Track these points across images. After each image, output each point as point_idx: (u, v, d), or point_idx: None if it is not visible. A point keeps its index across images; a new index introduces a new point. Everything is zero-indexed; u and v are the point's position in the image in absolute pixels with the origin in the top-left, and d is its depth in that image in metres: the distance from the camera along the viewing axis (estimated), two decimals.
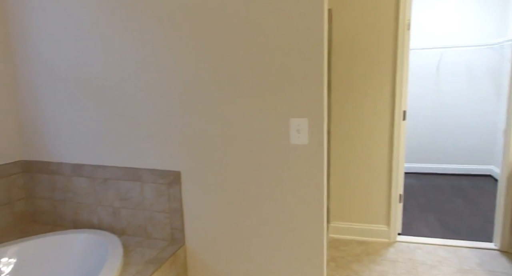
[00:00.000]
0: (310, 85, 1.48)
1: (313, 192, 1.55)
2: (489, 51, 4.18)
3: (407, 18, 2.53)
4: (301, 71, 1.47)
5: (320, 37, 1.43)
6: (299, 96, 1.50)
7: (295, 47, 1.46)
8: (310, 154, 1.53)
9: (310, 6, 1.41)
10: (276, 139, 1.55)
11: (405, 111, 2.68)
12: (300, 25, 1.43)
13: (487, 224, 3.06)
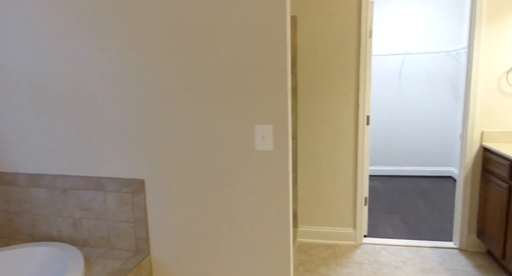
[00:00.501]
0: (274, 92, 1.49)
1: (279, 198, 1.56)
2: (447, 58, 4.41)
3: (369, 26, 2.62)
4: (266, 78, 1.49)
5: (283, 45, 1.45)
6: (264, 103, 1.51)
7: (259, 55, 1.47)
8: (275, 160, 1.54)
9: (273, 14, 1.43)
10: (241, 146, 1.55)
11: (368, 116, 2.77)
12: (264, 33, 1.45)
13: (447, 224, 3.21)
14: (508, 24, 2.42)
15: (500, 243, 2.29)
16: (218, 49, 1.50)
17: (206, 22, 1.48)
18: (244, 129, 1.54)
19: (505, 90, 2.50)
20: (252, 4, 1.43)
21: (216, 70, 1.51)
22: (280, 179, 1.55)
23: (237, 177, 1.58)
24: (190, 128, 1.58)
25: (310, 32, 2.69)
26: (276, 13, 1.43)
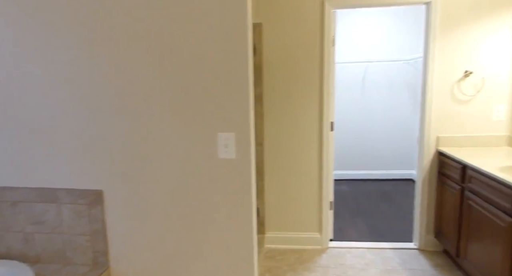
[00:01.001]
0: (237, 100, 1.49)
1: (242, 206, 1.55)
2: (406, 66, 4.62)
3: (332, 35, 2.69)
4: (228, 86, 1.48)
5: (244, 53, 1.45)
6: (226, 110, 1.50)
7: (220, 63, 1.46)
8: (238, 168, 1.53)
9: (234, 21, 1.43)
10: (204, 154, 1.53)
11: (332, 122, 2.83)
12: (225, 40, 1.44)
13: (408, 225, 3.33)
14: (458, 37, 2.57)
15: (454, 242, 2.40)
16: (179, 57, 1.47)
17: (165, 29, 1.46)
18: (206, 137, 1.52)
19: (457, 98, 2.65)
20: (214, 12, 1.42)
21: (177, 78, 1.49)
22: (244, 186, 1.54)
23: (199, 186, 1.55)
24: (151, 136, 1.54)
25: (276, 40, 2.72)
26: (238, 21, 1.43)
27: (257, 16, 2.71)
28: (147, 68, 1.49)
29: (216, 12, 1.42)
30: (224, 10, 1.42)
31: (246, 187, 1.55)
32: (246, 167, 1.54)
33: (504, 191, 1.85)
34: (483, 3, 2.52)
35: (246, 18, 1.44)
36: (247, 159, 1.53)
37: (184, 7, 1.43)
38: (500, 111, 2.63)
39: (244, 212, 1.55)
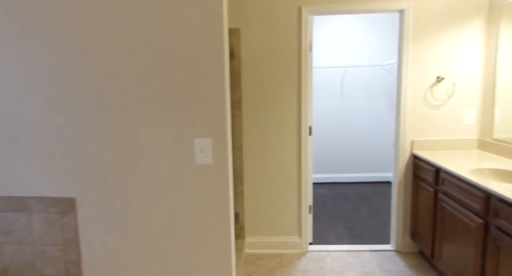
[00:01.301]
0: (213, 105, 1.48)
1: (220, 211, 1.54)
2: (383, 71, 4.73)
3: (309, 40, 2.73)
4: (204, 91, 1.47)
5: (220, 58, 1.45)
6: (203, 116, 1.49)
7: (196, 68, 1.45)
8: (215, 173, 1.52)
9: (210, 27, 1.42)
10: (180, 160, 1.52)
11: (310, 126, 2.86)
12: (201, 46, 1.44)
13: (386, 227, 3.39)
14: (430, 44, 2.65)
15: (429, 243, 2.46)
16: (154, 62, 1.46)
17: (140, 33, 1.44)
18: (182, 142, 1.51)
19: (430, 102, 2.73)
20: (189, 16, 1.42)
21: (152, 83, 1.47)
22: (221, 192, 1.53)
23: (176, 192, 1.53)
24: (126, 142, 1.51)
25: (254, 45, 2.74)
26: (214, 25, 1.43)
27: (235, 21, 2.71)
28: (121, 73, 1.47)
29: (192, 17, 1.42)
30: (200, 15, 1.42)
31: (223, 193, 1.54)
32: (223, 173, 1.53)
33: (474, 193, 1.91)
34: (454, 12, 2.62)
35: (222, 23, 1.44)
36: (224, 164, 1.53)
37: (160, 11, 1.42)
38: (470, 115, 2.72)
39: (221, 217, 1.54)
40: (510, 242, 1.63)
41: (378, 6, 2.62)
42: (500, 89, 2.49)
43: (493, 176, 2.16)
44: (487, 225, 1.83)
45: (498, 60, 2.49)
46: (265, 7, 2.69)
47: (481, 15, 2.62)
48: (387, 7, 2.62)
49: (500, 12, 2.47)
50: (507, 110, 2.42)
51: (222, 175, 1.53)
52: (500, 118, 2.49)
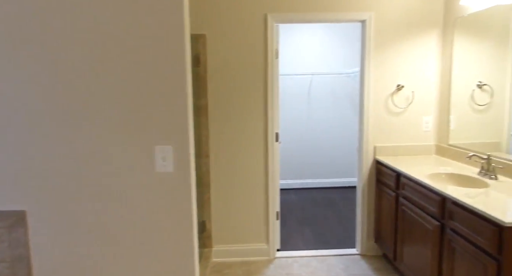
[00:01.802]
0: (174, 112, 1.45)
1: (182, 221, 1.50)
2: (348, 79, 4.86)
3: (275, 48, 2.76)
4: (165, 98, 1.44)
5: (182, 64, 1.43)
6: (164, 123, 1.45)
7: (157, 74, 1.42)
8: (177, 181, 1.49)
9: (171, 32, 1.40)
10: (140, 168, 1.47)
11: (277, 133, 2.88)
12: (162, 51, 1.41)
13: (352, 231, 3.46)
14: (391, 53, 2.76)
15: (391, 246, 2.53)
16: (113, 67, 1.41)
17: (99, 37, 1.39)
18: (142, 150, 1.46)
19: (391, 110, 2.83)
20: (150, 21, 1.39)
21: (110, 88, 1.42)
22: (183, 200, 1.50)
23: (136, 202, 1.48)
24: (81, 150, 1.44)
25: (220, 51, 2.73)
26: (174, 31, 1.40)
27: (200, 27, 2.70)
28: (77, 77, 1.41)
29: (151, 22, 1.39)
30: (160, 20, 1.39)
31: (186, 201, 1.51)
32: (185, 181, 1.50)
33: (432, 197, 1.99)
34: (412, 24, 2.74)
35: (183, 29, 1.42)
36: (186, 172, 1.50)
37: (119, 17, 1.38)
38: (429, 122, 2.85)
39: (184, 227, 1.51)
40: (463, 243, 1.71)
41: (341, 16, 2.70)
42: (454, 97, 2.63)
43: (449, 180, 2.26)
44: (443, 227, 1.90)
45: (453, 69, 2.63)
46: (231, 14, 2.69)
47: (437, 27, 2.76)
48: (350, 18, 2.70)
49: (454, 24, 2.62)
50: (461, 117, 2.55)
51: (184, 184, 1.50)
52: (455, 124, 2.62)
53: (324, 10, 2.70)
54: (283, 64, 4.80)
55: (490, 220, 1.52)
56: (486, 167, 2.13)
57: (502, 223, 1.44)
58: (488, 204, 1.62)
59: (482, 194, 1.81)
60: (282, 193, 4.82)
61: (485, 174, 2.13)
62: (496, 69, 2.19)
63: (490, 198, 1.72)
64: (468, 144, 2.46)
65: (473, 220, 1.63)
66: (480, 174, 2.16)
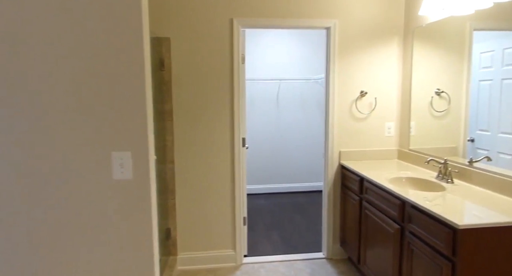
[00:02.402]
0: (133, 117, 1.40)
1: (141, 230, 1.45)
2: (316, 84, 4.95)
3: (242, 53, 2.75)
4: (122, 102, 1.39)
5: (140, 67, 1.38)
6: (121, 128, 1.40)
7: (114, 77, 1.37)
8: (136, 189, 1.44)
9: (128, 34, 1.36)
10: (96, 175, 1.40)
11: (244, 138, 2.87)
12: (118, 54, 1.36)
13: (319, 235, 3.49)
14: (354, 61, 2.83)
15: (356, 249, 2.58)
16: (66, 68, 1.34)
17: (54, 38, 1.32)
18: (98, 156, 1.40)
19: (355, 115, 2.89)
20: (106, 23, 1.34)
21: (64, 91, 1.35)
22: (142, 209, 1.45)
23: (91, 212, 1.41)
24: (32, 156, 1.36)
25: (185, 55, 2.69)
26: (132, 32, 1.36)
27: (165, 30, 2.64)
28: (29, 79, 1.33)
29: (108, 23, 1.34)
30: (117, 21, 1.34)
31: (145, 210, 1.45)
32: (145, 188, 1.45)
33: (392, 201, 2.05)
34: (375, 32, 2.83)
35: (141, 31, 1.37)
36: (146, 179, 1.45)
37: (74, 18, 1.32)
38: (391, 127, 2.94)
39: (143, 236, 1.45)
40: (421, 246, 1.76)
41: (306, 23, 2.74)
42: (415, 104, 2.73)
43: (409, 184, 2.33)
44: (403, 230, 1.96)
45: (413, 77, 2.74)
46: (197, 18, 2.66)
47: (398, 36, 2.86)
48: (315, 24, 2.75)
49: (413, 34, 2.72)
50: (421, 123, 2.65)
51: (144, 191, 1.45)
52: (416, 130, 2.72)
53: (290, 17, 2.73)
54: (251, 69, 4.81)
55: (445, 223, 1.58)
56: (443, 171, 2.22)
57: (456, 226, 1.49)
58: (443, 208, 1.68)
59: (439, 197, 1.87)
60: (251, 198, 4.81)
61: (442, 178, 2.22)
62: (452, 77, 2.29)
63: (446, 202, 1.79)
64: (428, 149, 2.56)
65: (430, 223, 1.68)
66: (438, 178, 2.24)
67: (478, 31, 2.07)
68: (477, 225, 1.49)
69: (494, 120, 1.95)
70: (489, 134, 1.99)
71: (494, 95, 1.95)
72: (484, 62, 2.02)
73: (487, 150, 2.01)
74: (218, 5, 2.66)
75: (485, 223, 1.49)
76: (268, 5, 2.71)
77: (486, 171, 1.99)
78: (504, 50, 1.89)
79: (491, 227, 1.50)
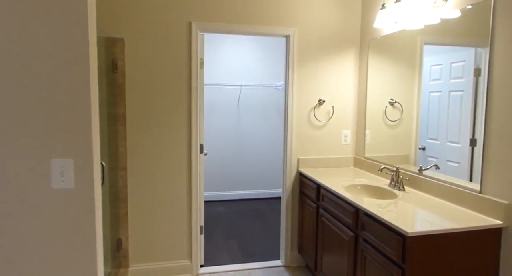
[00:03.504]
0: (76, 122, 1.30)
1: (84, 242, 1.34)
2: (277, 91, 4.98)
3: (200, 57, 2.69)
4: (65, 106, 1.28)
5: (83, 67, 1.29)
6: (63, 134, 1.29)
7: (55, 78, 1.26)
8: (79, 199, 1.33)
9: (70, 32, 1.26)
10: (32, 184, 1.28)
11: (202, 144, 2.80)
12: (60, 52, 1.25)
13: (278, 243, 3.48)
14: (313, 69, 2.87)
15: (312, 257, 2.58)
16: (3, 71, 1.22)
17: None
18: (36, 164, 1.28)
19: (313, 123, 2.93)
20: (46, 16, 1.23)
21: None
22: (86, 220, 1.34)
23: (28, 224, 1.28)
24: None
25: (140, 57, 2.58)
26: (75, 28, 1.26)
27: (118, 30, 2.52)
28: None
29: (49, 18, 1.24)
30: (60, 17, 1.24)
31: (89, 221, 1.34)
32: (88, 198, 1.34)
33: (347, 208, 2.07)
34: (333, 42, 2.89)
35: (86, 26, 1.28)
36: (89, 188, 1.34)
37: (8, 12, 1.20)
38: (347, 135, 3.00)
39: (86, 249, 1.34)
40: (373, 253, 1.79)
41: (266, 30, 2.74)
42: (370, 113, 2.81)
43: (363, 191, 2.38)
44: (357, 238, 1.98)
45: (368, 87, 2.82)
46: (154, 19, 2.57)
47: (355, 47, 2.94)
48: (274, 32, 2.76)
49: (368, 45, 2.81)
50: (376, 131, 2.73)
51: (87, 201, 1.34)
52: (370, 138, 2.80)
53: (251, 23, 2.72)
54: (212, 73, 4.75)
55: (395, 230, 1.61)
56: (395, 179, 2.29)
57: (405, 233, 1.53)
58: (394, 215, 1.72)
59: (391, 204, 1.92)
60: (210, 205, 4.72)
61: (394, 186, 2.28)
62: (405, 88, 2.38)
63: (396, 209, 1.84)
64: (382, 157, 2.64)
65: (382, 231, 1.71)
66: (390, 186, 2.31)
67: (428, 45, 2.17)
68: (425, 232, 1.53)
69: (443, 129, 2.04)
70: (438, 143, 2.08)
71: (443, 106, 2.04)
72: (434, 75, 2.11)
73: (437, 158, 2.09)
74: (175, 7, 2.59)
75: (433, 230, 1.54)
76: (228, 10, 2.68)
77: (434, 179, 2.08)
78: (451, 64, 1.98)
79: (438, 233, 1.55)
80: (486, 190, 1.73)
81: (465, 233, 1.58)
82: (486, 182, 1.73)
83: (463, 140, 1.90)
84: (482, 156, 1.76)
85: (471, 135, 1.85)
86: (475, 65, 1.82)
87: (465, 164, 1.88)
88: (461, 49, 1.91)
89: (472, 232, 1.58)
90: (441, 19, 2.02)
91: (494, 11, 1.69)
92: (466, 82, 1.88)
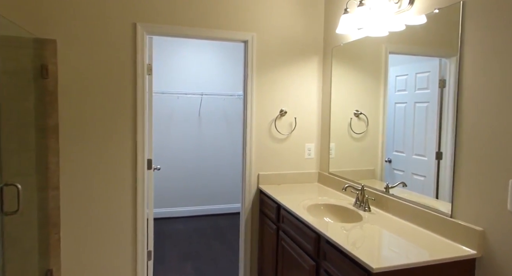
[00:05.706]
0: None
1: None
2: (239, 101, 4.74)
3: (147, 62, 2.41)
4: None
5: None
6: None
7: None
8: None
9: None
10: None
11: (150, 159, 2.49)
12: None
13: (237, 266, 3.20)
14: (273, 78, 2.66)
15: None
16: None
17: None
18: None
19: (274, 136, 2.70)
20: None
21: None
22: None
23: None
24: None
25: (76, 61, 2.25)
26: None
27: (49, 31, 2.19)
28: None
29: None
30: None
31: None
32: None
33: (308, 233, 1.84)
34: (295, 49, 2.70)
35: None
36: None
37: None
38: (311, 149, 2.80)
39: None
40: None
41: (223, 34, 2.51)
42: (334, 125, 2.63)
43: (327, 211, 2.17)
44: (318, 268, 1.75)
45: (332, 97, 2.64)
46: (92, 19, 2.26)
47: (318, 54, 2.76)
48: (231, 37, 2.53)
49: (332, 53, 2.64)
50: (341, 144, 2.55)
51: None
52: (335, 152, 2.61)
53: (205, 26, 2.47)
54: (169, 81, 4.45)
55: (359, 264, 1.40)
56: (360, 198, 2.10)
57: (370, 269, 1.31)
58: (358, 243, 1.51)
59: (355, 228, 1.72)
60: (166, 222, 4.37)
61: (359, 206, 2.09)
62: (370, 99, 2.22)
63: (361, 234, 1.63)
64: (347, 172, 2.45)
65: (344, 262, 1.49)
66: (356, 205, 2.12)
67: (393, 55, 2.02)
68: (392, 267, 1.32)
69: (408, 142, 1.90)
70: (404, 155, 1.94)
71: (409, 117, 1.90)
72: (399, 85, 1.97)
73: (403, 171, 1.95)
74: (117, 6, 2.29)
75: (400, 265, 1.34)
76: (180, 12, 2.42)
77: (400, 199, 1.90)
78: (416, 75, 1.84)
79: (407, 268, 1.35)
80: (457, 213, 1.57)
81: (436, 266, 1.39)
82: (457, 203, 1.57)
83: (429, 153, 1.75)
84: (453, 173, 1.60)
85: (437, 148, 1.71)
86: (440, 76, 1.68)
87: (431, 177, 1.74)
88: (427, 59, 1.78)
89: (443, 264, 1.40)
90: (406, 25, 1.87)
91: (463, 15, 1.54)
92: (431, 93, 1.74)
